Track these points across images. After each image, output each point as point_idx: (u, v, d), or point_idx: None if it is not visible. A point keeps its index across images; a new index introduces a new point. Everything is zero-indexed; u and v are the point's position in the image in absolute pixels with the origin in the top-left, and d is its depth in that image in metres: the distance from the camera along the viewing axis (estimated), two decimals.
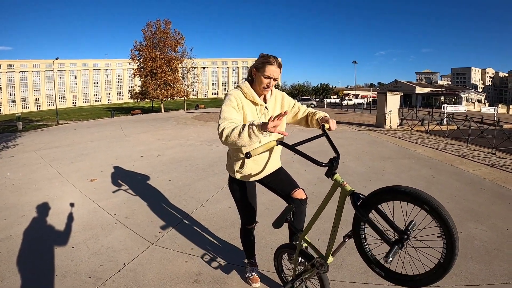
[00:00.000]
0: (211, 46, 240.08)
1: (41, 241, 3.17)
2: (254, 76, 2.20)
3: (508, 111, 52.73)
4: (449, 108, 23.83)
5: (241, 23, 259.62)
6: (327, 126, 2.15)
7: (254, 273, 2.63)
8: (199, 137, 9.95)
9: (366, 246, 1.80)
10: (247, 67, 25.10)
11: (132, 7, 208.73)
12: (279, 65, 2.18)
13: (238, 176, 2.34)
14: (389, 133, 11.82)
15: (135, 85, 53.19)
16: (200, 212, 3.80)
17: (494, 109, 34.38)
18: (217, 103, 75.95)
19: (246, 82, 2.23)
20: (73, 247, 3.02)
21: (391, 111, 13.96)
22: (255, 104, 2.21)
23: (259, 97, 2.21)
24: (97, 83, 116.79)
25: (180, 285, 2.43)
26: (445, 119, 16.92)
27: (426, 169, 6.06)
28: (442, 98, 59.37)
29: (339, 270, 2.60)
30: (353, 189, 1.76)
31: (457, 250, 1.48)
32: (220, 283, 2.46)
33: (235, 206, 2.37)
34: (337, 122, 2.23)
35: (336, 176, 1.82)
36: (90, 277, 2.53)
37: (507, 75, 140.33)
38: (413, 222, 1.58)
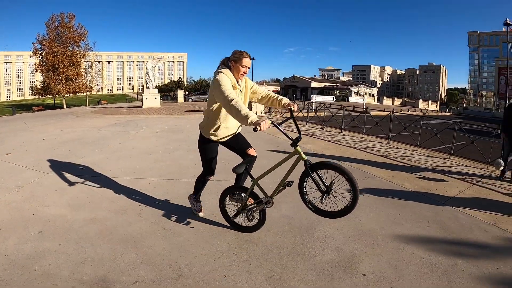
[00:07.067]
0: (117, 40, 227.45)
1: None
2: (233, 67, 2.66)
3: (393, 103, 63.84)
4: (317, 98, 29.38)
5: (145, 17, 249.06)
6: (293, 108, 2.74)
7: (199, 206, 3.41)
8: (92, 125, 12.66)
9: (305, 193, 2.62)
10: (159, 60, 27.09)
11: None
12: (250, 58, 2.73)
13: (212, 137, 2.86)
14: None
15: (37, 80, 49.99)
16: (74, 161, 6.88)
17: (363, 99, 42.21)
18: (122, 98, 71.83)
19: (228, 70, 2.69)
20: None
21: None
22: (234, 87, 2.68)
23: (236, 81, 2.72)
24: None
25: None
26: (313, 107, 21.22)
27: (249, 139, 9.58)
28: (336, 92, 68.57)
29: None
30: (306, 157, 2.49)
31: (357, 200, 2.31)
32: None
33: (106, 157, 4.91)
34: None
35: (298, 147, 2.50)
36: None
37: (403, 72, 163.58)
38: (332, 182, 2.41)
